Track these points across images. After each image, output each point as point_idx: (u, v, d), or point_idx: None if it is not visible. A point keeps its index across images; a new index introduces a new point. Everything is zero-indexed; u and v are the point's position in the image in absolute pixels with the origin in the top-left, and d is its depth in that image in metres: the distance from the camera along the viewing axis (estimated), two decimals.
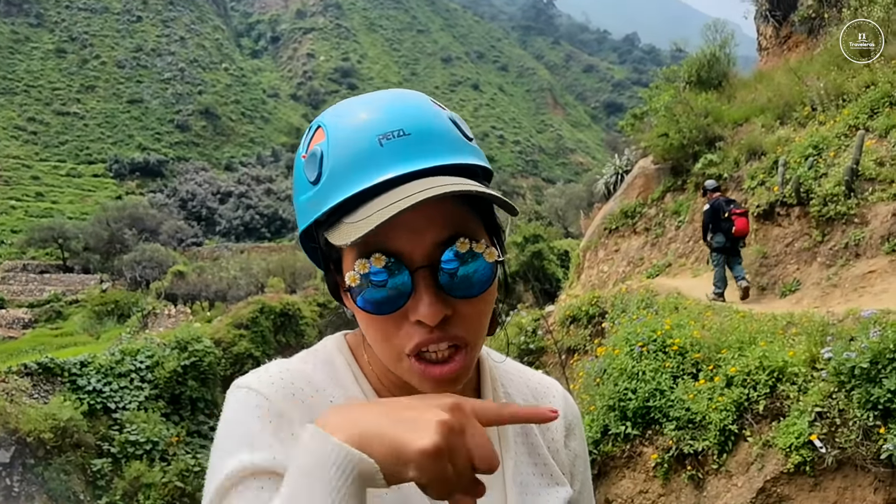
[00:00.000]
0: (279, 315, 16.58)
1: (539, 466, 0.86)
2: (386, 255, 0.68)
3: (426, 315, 0.68)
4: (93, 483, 10.67)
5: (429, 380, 0.71)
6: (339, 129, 0.73)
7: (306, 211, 0.75)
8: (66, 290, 35.19)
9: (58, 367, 11.67)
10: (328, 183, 0.71)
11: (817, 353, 4.74)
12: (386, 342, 0.72)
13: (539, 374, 0.97)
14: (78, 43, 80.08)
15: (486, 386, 0.87)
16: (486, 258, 0.71)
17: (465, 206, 0.72)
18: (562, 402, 0.94)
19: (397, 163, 0.69)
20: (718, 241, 8.15)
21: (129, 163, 66.59)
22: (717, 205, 8.22)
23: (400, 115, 0.72)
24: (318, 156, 0.73)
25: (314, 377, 0.78)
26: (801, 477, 4.42)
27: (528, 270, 20.66)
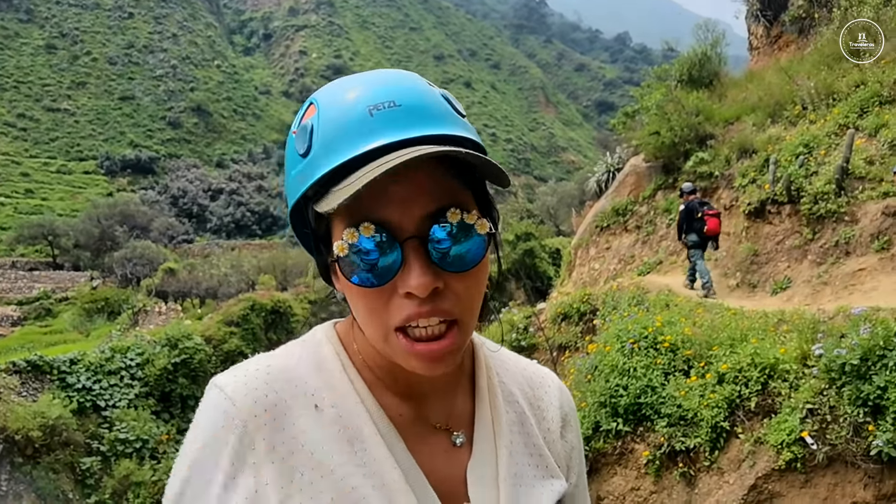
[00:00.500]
0: (270, 312, 16.53)
1: (534, 458, 0.84)
2: (375, 224, 0.66)
3: (416, 286, 0.66)
4: (82, 482, 10.60)
5: (415, 357, 0.69)
6: (330, 102, 0.72)
7: (296, 186, 0.73)
8: (56, 288, 34.94)
9: (47, 364, 11.59)
10: (318, 153, 0.70)
11: (808, 351, 4.76)
12: (374, 317, 0.70)
13: (535, 364, 0.95)
14: (69, 39, 79.42)
15: (480, 373, 0.85)
16: (478, 230, 0.70)
17: (456, 179, 0.70)
18: (557, 393, 0.92)
19: (387, 132, 0.68)
20: (692, 239, 8.64)
21: (121, 160, 66.15)
22: (691, 206, 8.65)
23: (391, 88, 0.71)
24: (308, 129, 0.71)
25: (297, 371, 0.76)
26: (793, 473, 4.44)
27: (520, 268, 20.68)
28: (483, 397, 0.84)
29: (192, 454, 0.72)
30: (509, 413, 0.85)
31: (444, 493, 0.75)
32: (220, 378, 0.75)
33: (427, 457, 0.77)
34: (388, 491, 0.71)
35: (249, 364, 0.76)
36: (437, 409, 0.81)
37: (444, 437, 0.80)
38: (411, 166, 0.64)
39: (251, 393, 0.72)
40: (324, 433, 0.73)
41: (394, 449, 0.74)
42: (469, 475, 0.78)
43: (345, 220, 0.68)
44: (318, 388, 0.75)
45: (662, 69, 15.81)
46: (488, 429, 0.82)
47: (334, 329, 0.82)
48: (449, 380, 0.82)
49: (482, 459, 0.80)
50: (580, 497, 0.92)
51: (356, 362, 0.79)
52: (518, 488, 0.80)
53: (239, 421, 0.71)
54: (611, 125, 20.47)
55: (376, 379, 0.78)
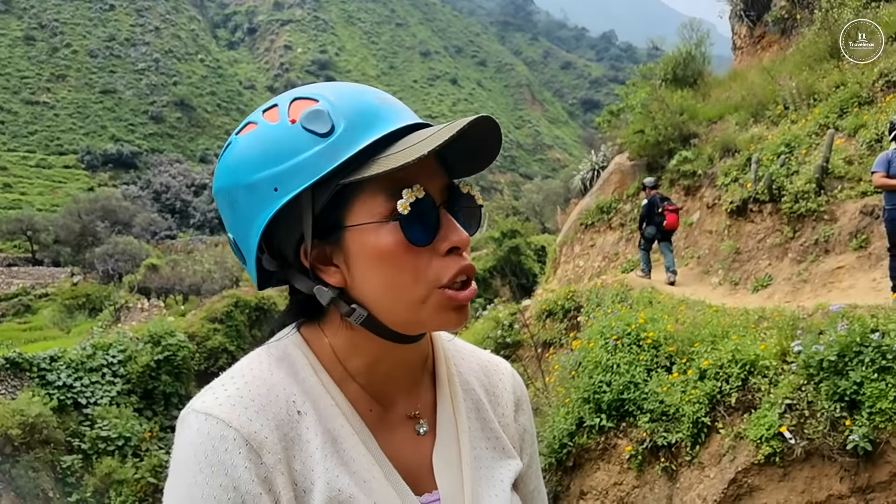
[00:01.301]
0: (254, 309, 16.43)
1: (491, 440, 0.89)
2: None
3: (461, 239, 0.75)
4: (62, 480, 10.48)
5: (456, 307, 0.76)
6: (332, 93, 0.77)
7: (308, 168, 0.72)
8: (36, 284, 34.45)
9: (26, 361, 11.44)
10: (349, 130, 0.73)
11: (788, 347, 4.83)
12: (419, 278, 0.74)
13: (488, 353, 0.99)
14: (48, 30, 78.19)
15: (440, 364, 0.89)
16: (477, 201, 0.82)
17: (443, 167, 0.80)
18: (510, 380, 0.97)
19: (402, 118, 0.77)
20: (650, 231, 9.19)
21: (102, 154, 65.34)
22: (653, 200, 9.18)
23: (374, 91, 0.80)
24: (323, 111, 0.74)
25: (273, 379, 0.76)
26: (771, 467, 4.51)
27: (506, 265, 20.75)
28: (443, 386, 0.88)
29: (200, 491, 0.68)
30: (467, 401, 0.89)
31: (414, 482, 0.79)
32: (199, 405, 0.72)
33: (396, 449, 0.80)
34: (369, 489, 0.74)
35: (224, 382, 0.75)
36: (403, 399, 0.84)
37: (410, 426, 0.83)
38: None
39: (242, 412, 0.71)
40: (311, 437, 0.74)
41: (369, 446, 0.77)
42: (435, 461, 0.82)
43: (382, 190, 0.73)
44: (295, 393, 0.76)
45: (647, 68, 15.93)
46: (449, 416, 0.86)
47: (299, 333, 0.82)
48: (415, 369, 0.86)
49: (445, 446, 0.84)
50: (534, 476, 0.97)
51: (325, 361, 0.80)
52: (479, 470, 0.85)
53: (241, 440, 0.70)
54: (596, 123, 20.57)
55: (346, 374, 0.80)
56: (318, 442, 0.74)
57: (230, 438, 0.69)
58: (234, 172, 0.77)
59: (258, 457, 0.70)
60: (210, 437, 0.69)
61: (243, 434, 0.70)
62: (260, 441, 0.70)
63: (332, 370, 0.79)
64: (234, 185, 0.77)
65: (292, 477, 0.72)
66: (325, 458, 0.74)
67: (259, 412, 0.72)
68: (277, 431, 0.72)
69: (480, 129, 0.73)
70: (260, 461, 0.70)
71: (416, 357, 0.85)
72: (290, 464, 0.72)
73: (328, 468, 0.73)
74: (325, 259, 0.76)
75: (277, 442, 0.72)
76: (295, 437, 0.74)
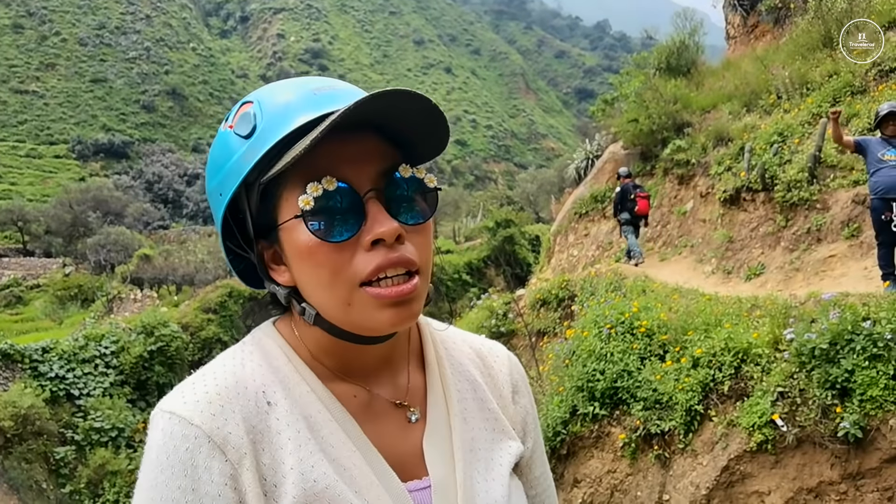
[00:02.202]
0: (248, 299, 16.37)
1: (489, 421, 0.87)
2: (336, 179, 0.70)
3: (385, 231, 0.70)
4: (56, 471, 10.46)
5: (385, 305, 0.71)
6: (270, 92, 0.77)
7: (236, 170, 0.74)
8: (27, 275, 34.21)
9: (18, 353, 11.38)
10: (265, 129, 0.73)
11: (780, 335, 4.86)
12: (339, 277, 0.71)
13: (482, 338, 0.98)
14: (36, 18, 77.22)
15: (428, 348, 0.88)
16: (428, 184, 0.76)
17: (397, 149, 0.76)
18: (507, 361, 0.95)
19: (336, 104, 0.72)
20: (624, 217, 9.85)
21: (93, 144, 64.78)
22: (626, 188, 9.88)
23: (329, 80, 0.78)
24: (250, 115, 0.75)
25: (244, 372, 0.75)
26: (763, 455, 4.54)
27: (500, 255, 20.76)
28: (433, 370, 0.86)
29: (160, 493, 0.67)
30: (460, 382, 0.87)
31: (403, 469, 0.77)
32: (167, 404, 0.71)
33: (383, 436, 0.78)
34: (349, 476, 0.72)
35: (195, 380, 0.74)
36: (391, 387, 0.82)
37: (400, 414, 0.81)
38: (359, 130, 0.71)
39: (206, 407, 0.70)
40: (282, 427, 0.73)
41: (350, 433, 0.75)
42: (425, 447, 0.80)
43: (300, 184, 0.70)
44: (266, 384, 0.75)
45: (641, 57, 15.90)
46: (440, 400, 0.85)
47: (273, 326, 0.83)
48: (398, 358, 0.84)
49: (436, 431, 0.82)
50: (539, 462, 0.95)
51: (302, 354, 0.79)
52: (474, 453, 0.82)
53: (203, 438, 0.68)
54: (590, 112, 20.55)
55: (325, 368, 0.79)
56: (290, 432, 0.72)
57: (191, 437, 0.68)
58: (206, 181, 0.81)
59: (221, 454, 0.68)
60: (172, 437, 0.68)
61: (206, 431, 0.69)
62: (223, 437, 0.69)
63: (309, 361, 0.79)
64: (207, 192, 0.81)
65: (260, 472, 0.70)
66: (300, 448, 0.72)
67: (224, 406, 0.71)
68: (244, 424, 0.71)
69: (420, 105, 0.70)
70: (224, 458, 0.68)
71: (394, 350, 0.83)
72: (257, 458, 0.70)
73: (302, 458, 0.71)
74: (277, 259, 0.77)
75: (244, 436, 0.70)
76: (264, 430, 0.72)
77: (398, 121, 0.72)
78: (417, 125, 0.73)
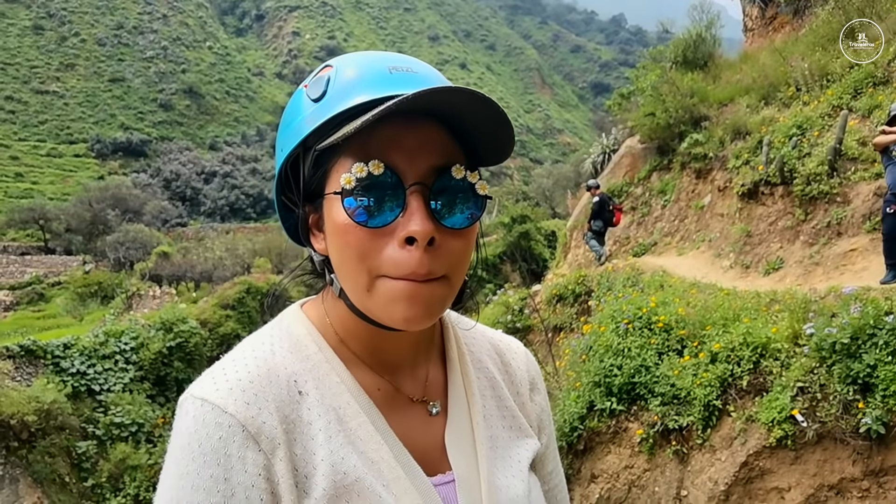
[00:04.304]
0: (265, 295, 16.49)
1: (507, 419, 0.87)
2: (384, 164, 0.69)
3: (418, 231, 0.67)
4: (78, 465, 10.63)
5: (401, 300, 0.69)
6: (348, 61, 0.76)
7: (300, 130, 0.74)
8: (48, 272, 34.74)
9: (40, 349, 11.56)
10: (333, 96, 0.72)
11: (800, 330, 4.80)
12: (363, 262, 0.70)
13: (500, 333, 0.97)
14: (56, 19, 78.20)
15: (449, 344, 0.87)
16: (479, 190, 0.72)
17: (458, 144, 0.73)
18: (524, 358, 0.95)
19: (407, 87, 0.71)
20: (598, 225, 10.70)
21: (112, 142, 65.49)
22: (604, 199, 10.71)
23: (408, 59, 0.76)
24: (324, 79, 0.74)
25: (275, 359, 0.74)
26: (783, 450, 4.50)
27: (516, 250, 20.71)
28: (454, 366, 0.86)
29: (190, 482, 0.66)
30: (480, 379, 0.87)
31: (426, 463, 0.77)
32: (198, 389, 0.70)
33: (406, 429, 0.78)
34: (377, 470, 0.72)
35: (225, 365, 0.73)
36: (411, 381, 0.82)
37: (421, 408, 0.81)
38: (422, 119, 0.69)
39: (240, 395, 0.69)
40: (314, 418, 0.72)
41: (377, 426, 0.75)
42: (447, 442, 0.80)
43: (351, 161, 0.69)
44: (297, 372, 0.74)
45: (657, 51, 15.75)
46: (461, 396, 0.84)
47: (301, 309, 0.82)
48: (420, 350, 0.83)
49: (458, 426, 0.82)
50: (552, 458, 0.95)
51: (330, 340, 0.78)
52: (494, 450, 0.82)
53: (237, 427, 0.67)
54: (606, 107, 20.39)
55: (352, 354, 0.78)
56: (321, 423, 0.72)
57: (225, 426, 0.67)
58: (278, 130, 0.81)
59: (255, 444, 0.68)
60: (205, 425, 0.67)
61: (240, 420, 0.67)
62: (258, 427, 0.68)
63: (337, 349, 0.78)
64: (276, 144, 0.81)
65: (293, 462, 0.69)
66: (330, 440, 0.71)
67: (258, 395, 0.70)
68: (278, 414, 0.70)
69: (489, 111, 0.69)
70: (257, 448, 0.67)
71: (416, 341, 0.82)
72: (290, 448, 0.70)
73: (333, 450, 0.71)
74: (320, 225, 0.77)
75: (277, 425, 0.69)
76: (296, 420, 0.71)
77: (462, 118, 0.70)
78: (480, 126, 0.71)
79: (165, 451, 0.72)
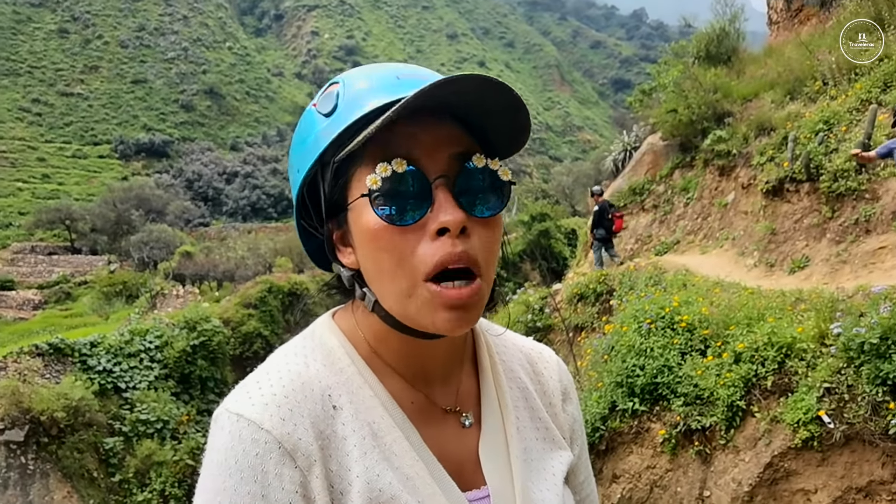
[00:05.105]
0: (287, 294, 16.64)
1: (541, 430, 0.86)
2: (406, 160, 0.69)
3: (449, 220, 0.67)
4: (105, 461, 10.83)
5: (444, 307, 0.68)
6: (356, 75, 0.77)
7: (313, 148, 0.75)
8: (75, 272, 35.38)
9: (68, 347, 11.78)
10: (344, 108, 0.73)
11: (826, 329, 4.73)
12: (401, 265, 0.69)
13: (532, 341, 0.96)
14: (80, 23, 79.51)
15: (482, 353, 0.86)
16: (501, 176, 0.73)
17: (473, 138, 0.74)
18: (556, 367, 0.94)
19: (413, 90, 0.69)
20: (600, 233, 10.71)
21: (135, 143, 66.43)
22: (604, 206, 10.79)
23: (415, 68, 0.77)
24: (333, 94, 0.75)
25: (309, 373, 0.74)
26: (809, 452, 4.44)
27: (535, 249, 20.63)
28: (487, 376, 0.85)
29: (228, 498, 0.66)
30: (513, 389, 0.86)
31: (460, 477, 0.76)
32: (233, 404, 0.70)
33: (440, 442, 0.77)
34: (413, 486, 0.71)
35: (259, 378, 0.73)
36: (444, 392, 0.81)
37: (454, 419, 0.80)
38: (436, 116, 0.69)
39: (275, 411, 0.69)
40: (348, 433, 0.72)
41: (412, 441, 0.74)
42: (481, 455, 0.79)
43: (372, 164, 0.69)
44: (331, 385, 0.74)
45: (679, 46, 15.56)
46: (495, 407, 0.83)
47: (333, 319, 0.81)
48: (453, 360, 0.82)
49: (492, 438, 0.81)
50: (583, 468, 0.94)
51: (362, 351, 0.78)
52: (529, 463, 0.81)
53: (273, 444, 0.67)
54: (627, 103, 20.23)
55: (384, 365, 0.77)
56: (355, 438, 0.71)
57: (262, 442, 0.67)
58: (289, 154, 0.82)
59: (291, 461, 0.67)
60: (241, 441, 0.67)
61: (276, 436, 0.67)
62: (294, 443, 0.68)
63: (370, 361, 0.77)
64: (289, 167, 0.81)
65: (328, 479, 0.69)
66: (365, 456, 0.71)
67: (293, 410, 0.69)
68: (313, 430, 0.69)
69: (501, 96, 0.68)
70: (294, 465, 0.67)
71: (450, 350, 0.81)
72: (326, 464, 0.69)
73: (368, 466, 0.70)
74: (345, 240, 0.77)
75: (313, 441, 0.69)
76: (331, 435, 0.71)
77: (477, 108, 0.70)
78: (495, 116, 0.72)
79: (190, 448, 0.71)
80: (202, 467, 0.70)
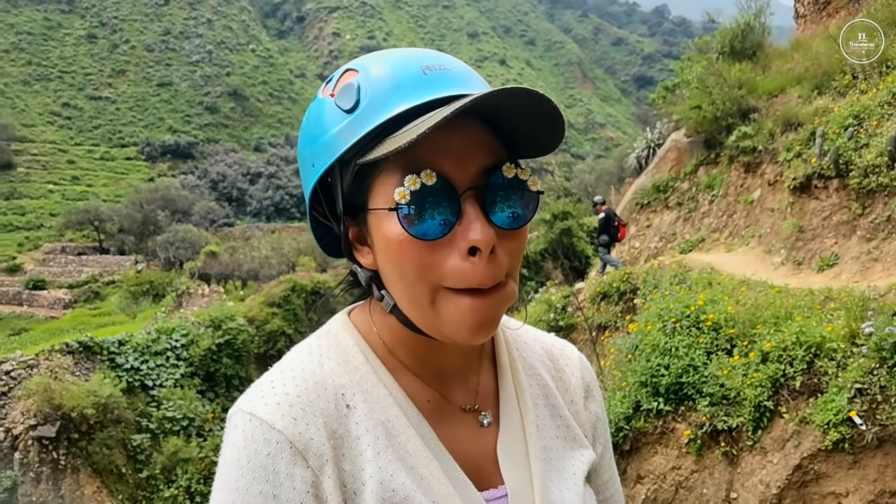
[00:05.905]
0: (310, 293, 16.76)
1: (561, 429, 0.84)
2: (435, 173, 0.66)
3: (481, 239, 0.65)
4: (133, 457, 11.02)
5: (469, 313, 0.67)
6: (375, 63, 0.72)
7: (332, 145, 0.71)
8: (103, 271, 36.10)
9: (97, 345, 12.01)
10: (369, 106, 0.69)
11: (857, 329, 4.62)
12: (423, 276, 0.67)
13: (553, 337, 0.94)
14: (108, 28, 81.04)
15: (500, 350, 0.85)
16: (531, 186, 0.70)
17: (501, 143, 0.71)
18: (578, 364, 0.91)
19: (443, 88, 0.68)
20: (605, 240, 11.05)
21: (161, 145, 67.51)
22: (609, 214, 11.11)
23: (438, 56, 0.73)
24: (354, 86, 0.70)
25: (322, 371, 0.73)
26: (840, 454, 4.34)
27: (557, 248, 20.51)
28: (506, 374, 0.83)
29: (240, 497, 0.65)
30: (533, 387, 0.84)
31: (478, 476, 0.74)
32: (246, 404, 0.70)
33: (457, 441, 0.75)
34: (427, 486, 0.70)
35: (273, 378, 0.72)
36: (461, 390, 0.79)
37: (472, 418, 0.79)
38: (465, 120, 0.66)
39: (287, 411, 0.68)
40: (362, 432, 0.71)
41: (427, 440, 0.73)
42: (499, 454, 0.78)
43: (398, 173, 0.67)
44: (345, 384, 0.73)
45: (703, 41, 15.35)
46: (514, 405, 0.81)
47: (348, 318, 0.80)
48: (471, 358, 0.81)
49: (511, 437, 0.79)
50: (607, 468, 0.92)
51: (377, 350, 0.77)
52: (548, 462, 0.79)
53: (285, 443, 0.67)
54: (650, 100, 20.01)
55: (399, 364, 0.76)
56: (369, 438, 0.70)
57: (273, 442, 0.66)
58: (298, 145, 0.78)
59: (303, 460, 0.67)
60: (254, 440, 0.67)
61: (287, 436, 0.67)
62: (305, 443, 0.67)
63: (385, 359, 0.76)
64: (298, 156, 0.78)
65: (341, 479, 0.68)
66: (378, 455, 0.70)
67: (306, 410, 0.69)
68: (325, 429, 0.69)
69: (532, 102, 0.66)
70: (305, 465, 0.67)
71: (469, 349, 0.79)
72: (338, 464, 0.68)
73: (381, 466, 0.69)
74: (362, 239, 0.75)
75: (325, 441, 0.68)
76: (344, 434, 0.70)
77: (511, 116, 0.68)
78: (526, 125, 0.69)
79: (215, 445, 0.71)
80: (218, 466, 0.70)
